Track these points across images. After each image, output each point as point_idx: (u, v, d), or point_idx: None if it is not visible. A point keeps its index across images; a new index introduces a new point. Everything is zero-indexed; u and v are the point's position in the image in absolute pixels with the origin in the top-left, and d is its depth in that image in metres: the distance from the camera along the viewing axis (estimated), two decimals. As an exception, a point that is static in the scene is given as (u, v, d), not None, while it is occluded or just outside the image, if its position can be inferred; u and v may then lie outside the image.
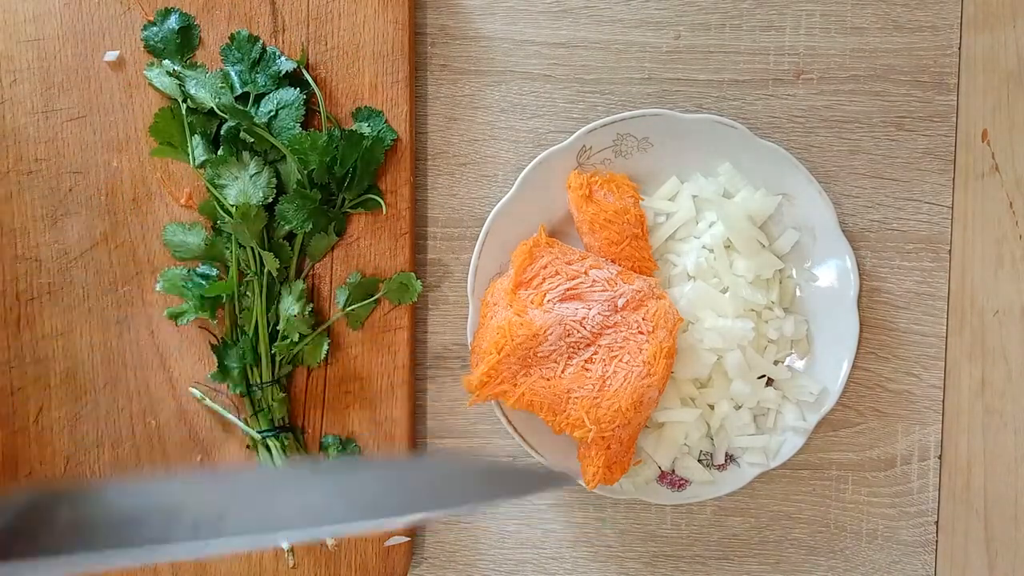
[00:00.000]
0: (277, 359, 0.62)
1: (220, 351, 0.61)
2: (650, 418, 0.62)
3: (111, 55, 0.62)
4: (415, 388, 0.65)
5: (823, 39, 0.65)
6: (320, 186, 0.61)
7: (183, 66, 0.61)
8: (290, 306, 0.61)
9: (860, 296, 0.63)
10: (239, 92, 0.60)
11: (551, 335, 0.57)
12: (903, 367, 0.66)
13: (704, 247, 0.62)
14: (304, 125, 0.61)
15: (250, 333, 0.61)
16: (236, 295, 0.61)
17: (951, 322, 0.65)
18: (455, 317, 0.66)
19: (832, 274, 0.63)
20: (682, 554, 0.67)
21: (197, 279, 0.61)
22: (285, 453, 0.61)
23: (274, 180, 0.60)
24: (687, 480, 0.63)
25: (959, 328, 0.65)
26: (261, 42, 0.61)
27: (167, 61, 0.61)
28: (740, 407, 0.62)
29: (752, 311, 0.62)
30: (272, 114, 0.60)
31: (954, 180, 0.65)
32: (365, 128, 0.61)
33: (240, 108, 0.58)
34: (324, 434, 0.63)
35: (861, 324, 0.63)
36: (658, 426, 0.63)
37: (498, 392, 0.58)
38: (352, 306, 0.62)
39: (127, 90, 0.62)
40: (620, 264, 0.61)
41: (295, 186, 0.60)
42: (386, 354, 0.63)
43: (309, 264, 0.63)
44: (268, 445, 0.61)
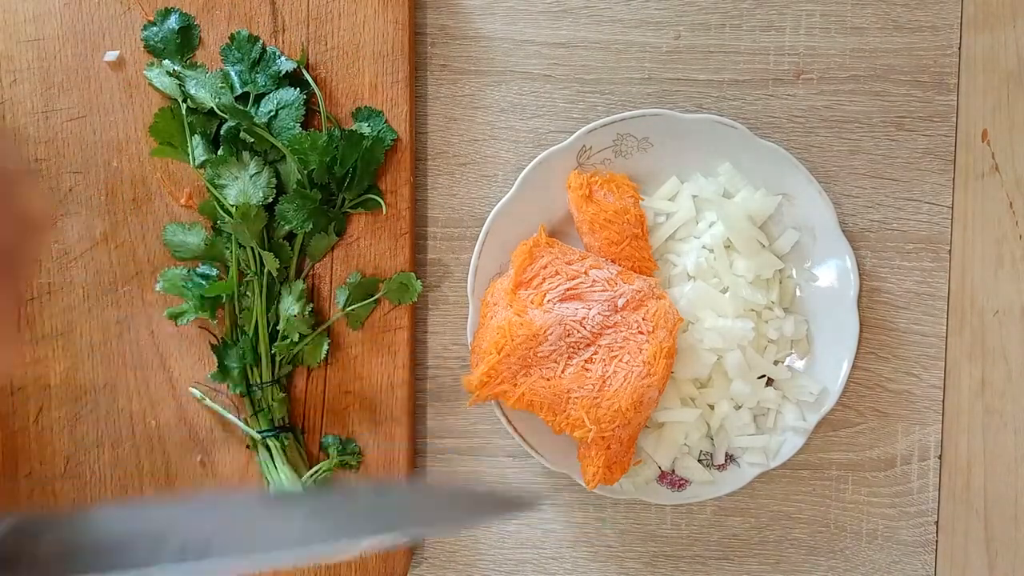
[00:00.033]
0: (277, 359, 0.62)
1: (220, 351, 0.61)
2: (650, 418, 0.62)
3: (111, 55, 0.62)
4: (415, 388, 0.65)
5: (823, 39, 0.65)
6: (320, 186, 0.61)
7: (183, 66, 0.61)
8: (290, 306, 0.61)
9: (860, 296, 0.63)
10: (239, 92, 0.60)
11: (551, 335, 0.57)
12: (903, 367, 0.66)
13: (704, 247, 0.62)
14: (304, 125, 0.61)
15: (250, 333, 0.61)
16: (236, 295, 0.61)
17: (951, 322, 0.65)
18: (455, 317, 0.66)
19: (832, 274, 0.63)
20: (682, 554, 0.67)
21: (197, 279, 0.61)
22: (285, 453, 0.61)
23: (274, 180, 0.60)
24: (687, 480, 0.63)
25: (959, 328, 0.65)
26: (261, 42, 0.61)
27: (167, 61, 0.61)
28: (740, 407, 0.62)
29: (752, 311, 0.62)
30: (272, 114, 0.60)
31: (954, 180, 0.65)
32: (365, 128, 0.61)
33: (240, 108, 0.59)
34: (324, 434, 0.63)
35: (861, 324, 0.63)
36: (658, 426, 0.63)
37: (498, 392, 0.58)
38: (352, 306, 0.62)
39: (127, 90, 0.62)
40: (620, 264, 0.61)
41: (295, 186, 0.60)
42: (386, 354, 0.63)
43: (309, 264, 0.63)
44: (268, 445, 0.61)
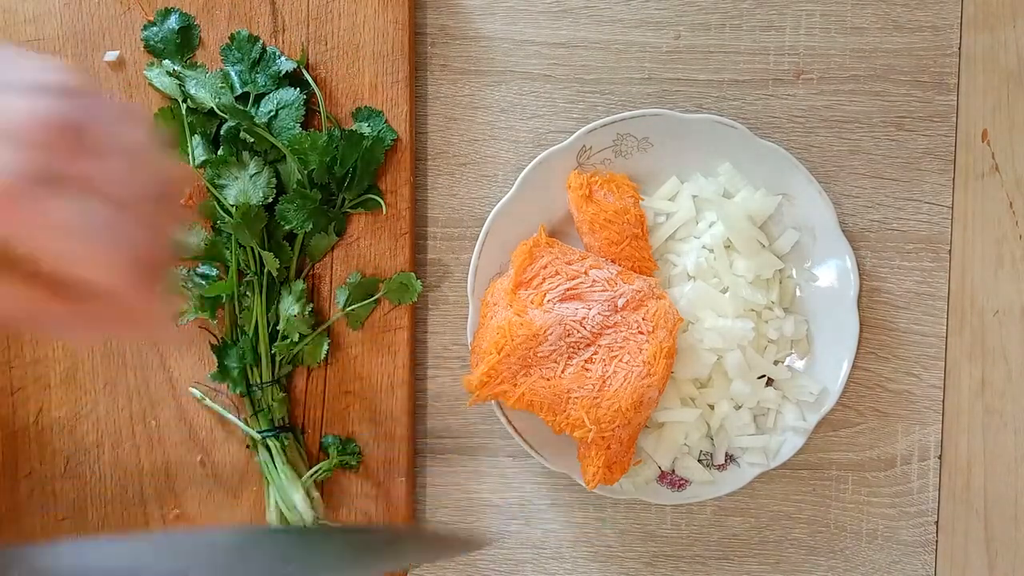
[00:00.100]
0: (277, 359, 0.62)
1: (220, 351, 0.61)
2: (650, 418, 0.62)
3: (111, 55, 0.62)
4: (415, 388, 0.65)
5: (823, 39, 0.65)
6: (320, 186, 0.61)
7: (183, 66, 0.61)
8: (290, 306, 0.61)
9: (860, 296, 0.63)
10: (239, 92, 0.60)
11: (551, 335, 0.57)
12: (903, 367, 0.66)
13: (704, 247, 0.62)
14: (304, 125, 0.61)
15: (250, 333, 0.61)
16: (236, 295, 0.61)
17: (951, 322, 0.65)
18: (455, 317, 0.66)
19: (832, 274, 0.63)
20: (682, 554, 0.67)
21: (197, 279, 0.61)
22: (285, 453, 0.61)
23: (274, 180, 0.60)
24: (687, 480, 0.63)
25: (959, 328, 0.65)
26: (261, 42, 0.61)
27: (167, 61, 0.61)
28: (740, 407, 0.62)
29: (752, 311, 0.62)
30: (272, 114, 0.60)
31: (954, 180, 0.65)
32: (365, 128, 0.61)
33: (240, 108, 0.59)
34: (324, 434, 0.63)
35: (861, 324, 0.63)
36: (658, 426, 0.63)
37: (498, 392, 0.58)
38: (352, 306, 0.62)
39: (127, 90, 0.62)
40: (620, 264, 0.61)
41: (295, 186, 0.60)
42: (386, 354, 0.63)
43: (309, 264, 0.63)
44: (268, 445, 0.61)
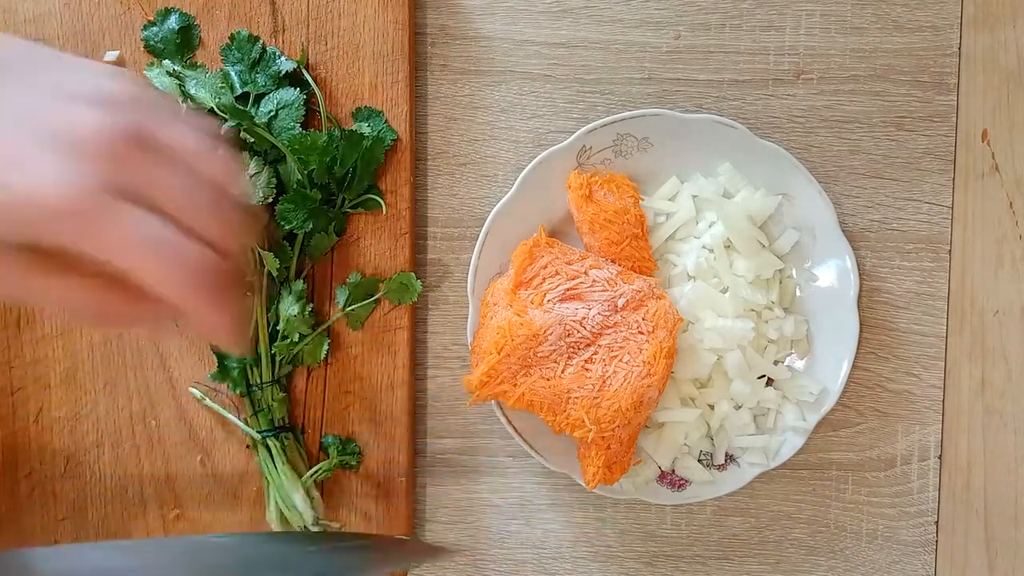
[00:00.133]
0: (277, 359, 0.62)
1: (220, 351, 0.61)
2: (650, 418, 0.62)
3: (111, 55, 0.62)
4: (415, 388, 0.65)
5: (823, 39, 0.65)
6: (320, 186, 0.61)
7: (183, 66, 0.61)
8: (290, 306, 0.61)
9: (860, 296, 0.63)
10: (239, 92, 0.60)
11: (551, 335, 0.57)
12: (903, 367, 0.66)
13: (704, 247, 0.62)
14: (304, 125, 0.61)
15: (250, 333, 0.61)
16: (236, 295, 0.61)
17: (951, 322, 0.65)
18: (455, 317, 0.66)
19: (832, 274, 0.63)
20: (682, 554, 0.67)
21: (197, 279, 0.61)
22: (285, 453, 0.61)
23: (274, 180, 0.60)
24: (687, 480, 0.63)
25: (959, 328, 0.65)
26: (261, 42, 0.61)
27: (167, 61, 0.61)
28: (740, 407, 0.62)
29: (752, 311, 0.62)
30: (272, 114, 0.60)
31: (954, 180, 0.65)
32: (365, 128, 0.61)
33: (240, 108, 0.58)
34: (324, 434, 0.63)
35: (861, 324, 0.63)
36: (658, 426, 0.63)
37: (498, 392, 0.58)
38: (352, 306, 0.62)
39: (127, 90, 0.62)
40: (620, 264, 0.61)
41: (295, 186, 0.60)
42: (386, 354, 0.63)
43: (309, 264, 0.63)
44: (268, 445, 0.61)
